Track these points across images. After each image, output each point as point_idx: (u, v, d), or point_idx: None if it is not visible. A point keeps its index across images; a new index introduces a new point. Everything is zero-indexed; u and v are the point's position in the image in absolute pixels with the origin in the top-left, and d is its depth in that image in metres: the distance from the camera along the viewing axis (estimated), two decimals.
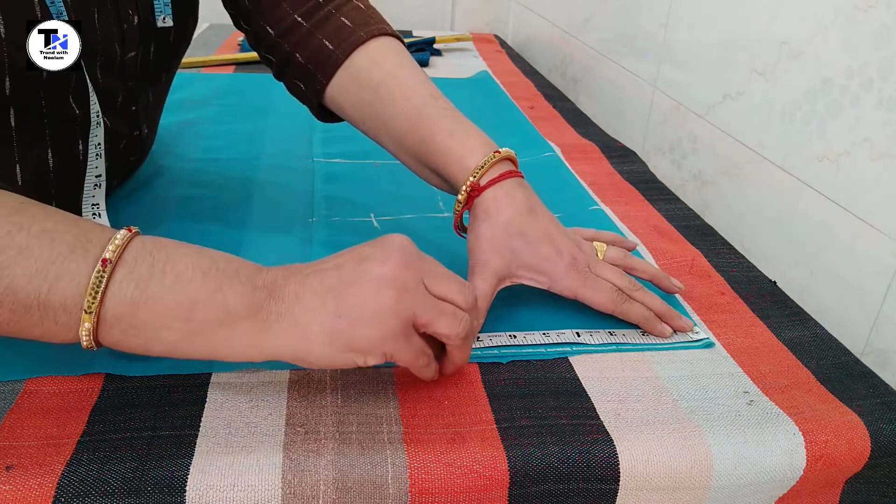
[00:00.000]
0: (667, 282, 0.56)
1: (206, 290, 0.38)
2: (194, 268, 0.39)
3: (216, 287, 0.39)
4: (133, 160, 0.66)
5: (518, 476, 0.41)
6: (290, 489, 0.39)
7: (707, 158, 0.80)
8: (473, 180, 0.53)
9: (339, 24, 0.60)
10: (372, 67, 0.59)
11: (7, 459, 0.38)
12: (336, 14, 0.61)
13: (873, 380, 0.50)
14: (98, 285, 0.36)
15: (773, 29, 0.68)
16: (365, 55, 0.59)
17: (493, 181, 0.52)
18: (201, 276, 0.39)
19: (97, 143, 0.56)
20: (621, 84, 1.03)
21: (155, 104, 0.69)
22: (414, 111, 0.57)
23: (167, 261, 0.38)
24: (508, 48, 1.49)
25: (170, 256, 0.39)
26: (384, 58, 0.59)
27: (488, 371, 0.48)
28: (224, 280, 0.39)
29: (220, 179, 0.74)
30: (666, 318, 0.53)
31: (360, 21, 0.61)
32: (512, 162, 0.55)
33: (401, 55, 0.61)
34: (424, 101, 0.57)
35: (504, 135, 0.92)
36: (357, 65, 0.59)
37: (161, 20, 0.61)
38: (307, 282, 0.40)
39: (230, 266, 0.40)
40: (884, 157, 0.55)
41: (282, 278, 0.41)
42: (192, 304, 0.38)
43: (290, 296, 0.40)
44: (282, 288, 0.40)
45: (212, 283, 0.39)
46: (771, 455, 0.43)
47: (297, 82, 0.64)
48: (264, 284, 0.40)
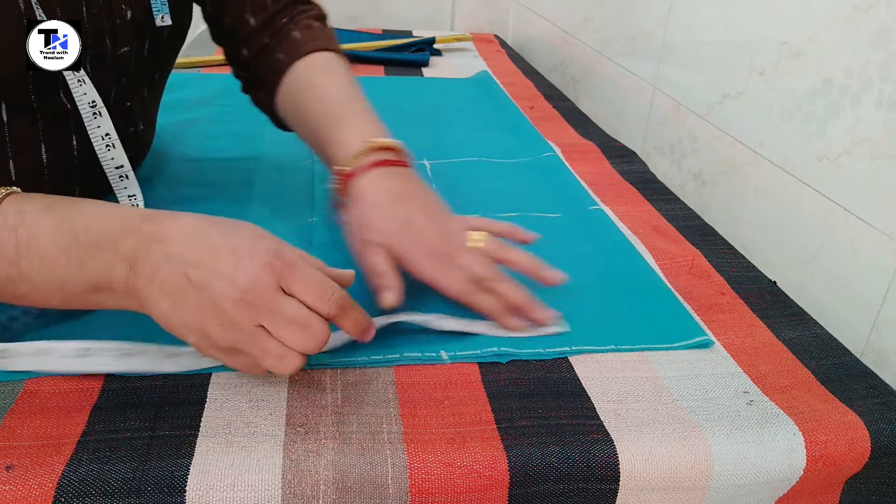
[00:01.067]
0: (541, 273, 0.54)
1: (71, 268, 0.41)
2: (56, 246, 0.41)
3: (79, 264, 0.41)
4: (130, 157, 0.66)
5: (518, 476, 0.41)
6: (290, 489, 0.39)
7: (707, 158, 0.80)
8: (338, 168, 0.56)
9: (291, 38, 0.67)
10: (304, 76, 0.65)
11: (7, 459, 0.38)
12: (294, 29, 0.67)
13: (873, 380, 0.50)
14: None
15: (773, 29, 0.68)
16: (303, 65, 0.65)
17: (362, 169, 0.55)
18: (64, 255, 0.41)
19: (103, 133, 0.56)
20: (621, 84, 1.03)
21: (150, 101, 0.68)
22: (323, 112, 0.61)
23: (31, 237, 0.41)
24: (508, 48, 1.48)
25: (32, 232, 0.41)
26: (317, 68, 0.65)
27: (488, 371, 0.48)
28: (85, 255, 0.41)
29: (220, 179, 0.74)
30: (529, 311, 0.51)
31: (309, 38, 0.67)
32: (394, 151, 0.57)
33: (333, 67, 0.66)
34: (336, 103, 0.61)
35: (504, 135, 0.92)
36: (296, 73, 0.65)
37: (160, 19, 0.61)
38: (162, 266, 0.41)
39: (91, 237, 0.42)
40: (884, 157, 0.55)
41: (144, 251, 0.41)
42: (61, 281, 0.42)
43: (146, 274, 0.41)
44: (142, 262, 0.41)
45: (74, 260, 0.41)
46: (771, 455, 0.43)
47: (258, 93, 0.71)
48: (125, 255, 0.41)
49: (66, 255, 0.41)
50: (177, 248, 0.41)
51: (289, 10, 0.70)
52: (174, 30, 0.64)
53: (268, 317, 0.41)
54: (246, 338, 0.41)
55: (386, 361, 0.48)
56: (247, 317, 0.41)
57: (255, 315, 0.41)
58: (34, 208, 0.43)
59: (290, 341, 0.41)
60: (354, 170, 0.55)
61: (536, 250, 0.63)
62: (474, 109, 1.03)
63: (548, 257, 0.62)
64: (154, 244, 0.42)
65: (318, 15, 0.71)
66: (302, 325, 0.41)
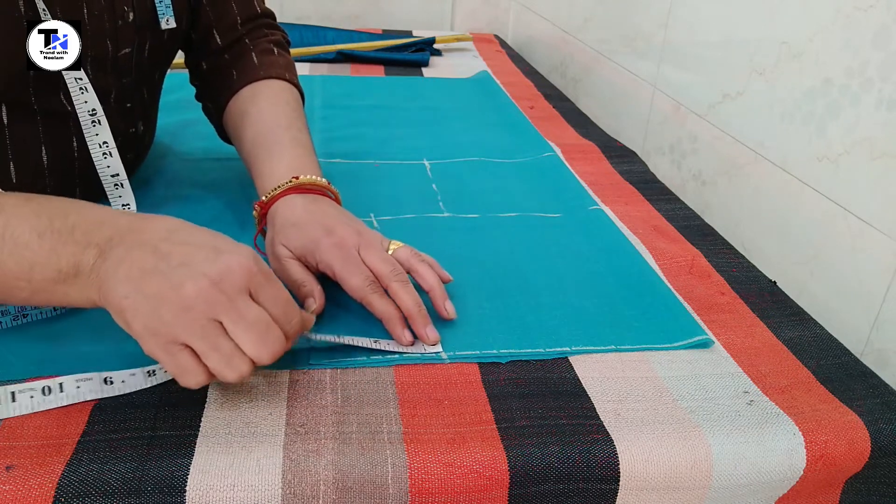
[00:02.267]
0: (441, 301, 0.52)
1: (42, 252, 0.41)
2: (31, 231, 0.41)
3: (50, 249, 0.41)
4: (130, 157, 0.66)
5: (518, 476, 0.41)
6: (290, 489, 0.39)
7: (707, 158, 0.80)
8: (257, 202, 0.58)
9: (247, 61, 0.69)
10: (250, 100, 0.67)
11: (7, 459, 0.38)
12: (252, 51, 0.70)
13: (873, 380, 0.50)
14: None
15: (773, 29, 0.68)
16: (251, 90, 0.67)
17: (275, 197, 0.57)
18: (37, 239, 0.41)
19: (101, 141, 0.56)
20: (621, 84, 1.03)
21: (150, 102, 0.69)
22: (255, 140, 0.63)
23: (6, 225, 0.41)
24: (508, 48, 1.48)
25: (9, 221, 0.41)
26: (262, 95, 0.67)
27: (488, 371, 0.48)
28: (58, 241, 0.41)
29: (220, 179, 0.74)
30: (413, 322, 0.49)
31: (264, 63, 0.69)
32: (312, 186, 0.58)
33: (279, 96, 0.67)
34: (269, 133, 0.63)
35: (504, 135, 0.92)
36: (243, 96, 0.67)
37: (164, 22, 0.61)
38: (134, 252, 0.40)
39: (66, 224, 0.41)
40: (884, 157, 0.55)
41: (118, 237, 0.41)
42: (30, 266, 0.41)
43: (113, 259, 0.40)
44: (113, 248, 0.41)
45: (46, 245, 0.41)
46: (771, 455, 0.43)
47: (208, 105, 0.72)
48: (98, 242, 0.41)
49: (39, 239, 0.41)
50: (153, 237, 0.41)
51: (254, 33, 0.71)
52: (174, 31, 0.64)
53: (229, 313, 0.40)
54: (198, 329, 0.39)
55: (386, 361, 0.48)
56: (206, 307, 0.39)
57: (215, 308, 0.39)
58: (14, 200, 0.43)
59: (244, 343, 0.40)
60: (269, 200, 0.57)
61: (537, 250, 0.63)
62: (474, 109, 1.03)
63: (548, 257, 0.62)
64: (129, 233, 0.42)
65: (278, 41, 0.73)
66: (262, 332, 0.40)
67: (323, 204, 0.56)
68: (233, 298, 0.40)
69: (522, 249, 0.63)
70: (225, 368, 0.40)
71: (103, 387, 0.43)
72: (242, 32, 0.70)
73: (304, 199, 0.56)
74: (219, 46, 0.70)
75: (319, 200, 0.57)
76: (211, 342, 0.39)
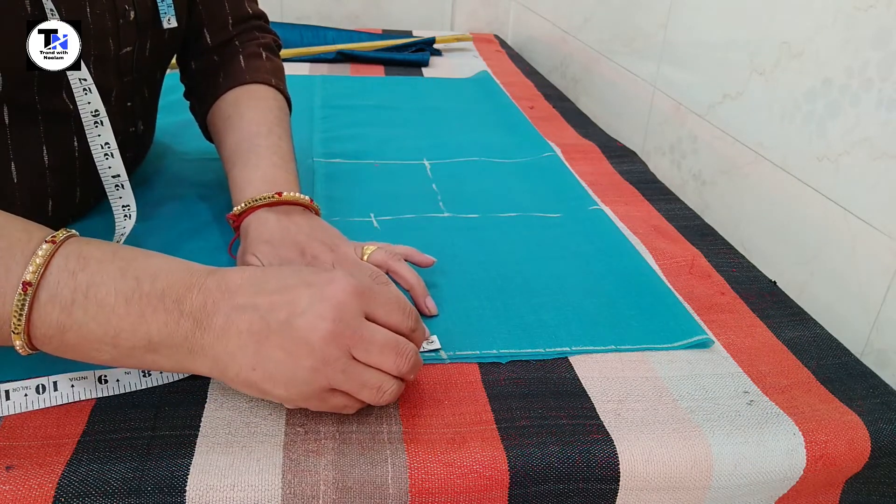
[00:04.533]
0: (421, 298, 0.53)
1: (129, 319, 0.38)
2: (117, 294, 0.38)
3: (139, 316, 0.38)
4: (129, 156, 0.66)
5: (518, 476, 0.41)
6: (290, 489, 0.39)
7: (707, 158, 0.80)
8: (230, 213, 0.58)
9: (235, 64, 0.69)
10: (233, 104, 0.66)
11: (7, 459, 0.38)
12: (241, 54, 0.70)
13: (873, 380, 0.50)
14: (21, 308, 0.36)
15: (773, 29, 0.68)
16: (235, 94, 0.67)
17: (247, 212, 0.56)
18: (124, 304, 0.38)
19: (103, 142, 0.56)
20: (621, 84, 1.03)
21: (150, 101, 0.69)
22: (234, 145, 0.63)
23: (90, 284, 0.38)
24: (508, 48, 1.48)
25: (92, 279, 0.38)
26: (245, 100, 0.66)
27: (488, 371, 0.48)
28: (147, 307, 0.38)
29: (220, 179, 0.74)
30: None
31: (252, 68, 0.69)
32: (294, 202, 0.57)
33: (261, 101, 0.67)
34: (248, 138, 0.62)
35: (504, 135, 0.92)
36: (227, 100, 0.67)
37: (166, 21, 0.61)
38: (234, 317, 0.38)
39: (155, 288, 0.38)
40: (884, 157, 0.56)
41: (211, 304, 0.39)
42: (116, 332, 0.38)
43: (215, 329, 0.38)
44: (210, 317, 0.38)
45: (134, 311, 0.38)
46: (771, 455, 0.43)
47: (194, 104, 0.72)
48: (191, 311, 0.38)
49: (125, 304, 0.38)
50: (246, 296, 0.39)
51: (244, 35, 0.71)
52: (175, 30, 0.64)
53: (359, 346, 0.39)
54: (339, 374, 0.38)
55: None
56: (338, 350, 0.38)
57: (345, 345, 0.38)
58: (98, 255, 0.39)
59: (386, 366, 0.40)
60: (241, 213, 0.57)
61: (537, 250, 0.63)
62: (474, 109, 1.03)
63: (548, 257, 0.62)
64: (221, 296, 0.39)
65: (268, 44, 0.73)
66: (395, 349, 0.40)
67: (296, 216, 0.56)
68: (356, 329, 0.39)
69: (522, 249, 0.63)
70: (381, 398, 0.40)
71: (98, 386, 0.43)
72: (233, 34, 0.70)
73: (277, 214, 0.56)
74: (208, 46, 0.69)
75: (292, 213, 0.56)
76: (357, 380, 0.39)
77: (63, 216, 0.60)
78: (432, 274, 0.58)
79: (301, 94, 1.01)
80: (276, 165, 0.60)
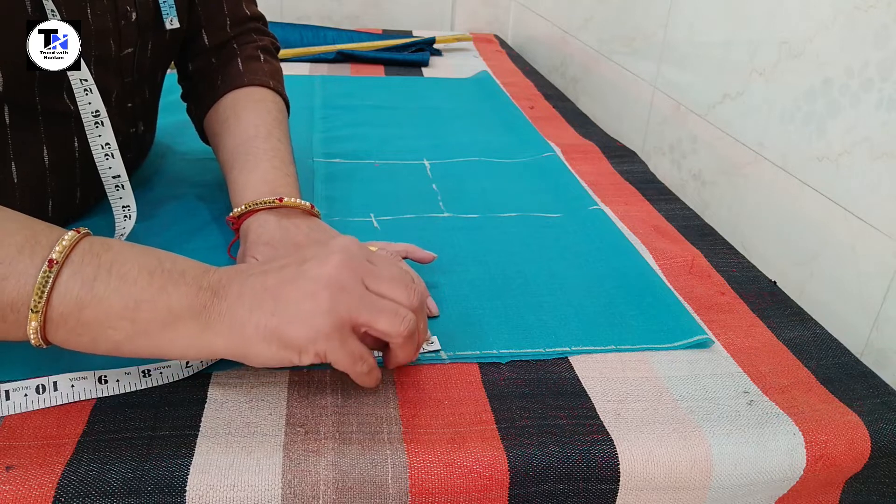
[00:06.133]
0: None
1: (151, 290, 0.39)
2: (140, 268, 0.39)
3: (160, 287, 0.39)
4: (130, 157, 0.66)
5: (518, 476, 0.41)
6: (290, 489, 0.39)
7: (707, 158, 0.80)
8: (229, 215, 0.57)
9: (233, 66, 0.69)
10: (231, 107, 0.66)
11: (7, 459, 0.38)
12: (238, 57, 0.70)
13: (873, 380, 0.50)
14: (44, 284, 0.37)
15: (773, 29, 0.68)
16: (233, 97, 0.67)
17: (247, 214, 0.57)
18: (147, 277, 0.39)
19: (104, 142, 0.56)
20: (621, 84, 1.03)
21: (151, 101, 0.69)
22: (233, 147, 0.62)
23: (113, 262, 0.39)
24: (508, 48, 1.48)
25: (116, 258, 0.39)
26: (243, 103, 0.66)
27: (488, 371, 0.48)
28: (169, 280, 0.39)
29: (220, 180, 0.74)
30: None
31: (250, 70, 0.69)
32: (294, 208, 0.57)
33: (259, 103, 0.66)
34: (246, 141, 0.62)
35: (504, 135, 0.92)
36: (225, 103, 0.67)
37: (169, 22, 0.61)
38: (249, 282, 0.41)
39: (176, 266, 0.40)
40: (884, 157, 0.56)
41: (226, 279, 0.41)
42: (136, 304, 0.38)
43: (232, 295, 0.40)
44: (226, 288, 0.41)
45: (156, 283, 0.39)
46: (771, 455, 0.43)
47: (192, 106, 0.72)
48: (209, 285, 0.40)
49: (149, 277, 0.39)
50: (258, 269, 0.42)
51: (242, 37, 0.71)
52: (176, 31, 0.64)
53: (370, 275, 0.42)
54: (357, 301, 0.40)
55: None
56: (352, 278, 0.41)
57: (358, 274, 0.41)
58: (119, 244, 0.41)
59: (396, 294, 0.42)
60: (241, 216, 0.57)
61: (537, 250, 0.63)
62: (474, 109, 1.03)
63: (548, 257, 0.62)
64: (236, 273, 0.42)
65: (266, 46, 0.72)
66: (402, 282, 0.43)
67: (296, 218, 0.56)
68: (364, 262, 0.42)
69: (522, 249, 0.63)
70: (398, 324, 0.41)
71: (98, 386, 0.43)
72: (231, 35, 0.70)
73: (277, 216, 0.56)
74: (206, 47, 0.69)
75: (292, 215, 0.56)
76: (374, 305, 0.41)
77: (63, 216, 0.60)
78: (432, 274, 0.58)
79: (301, 94, 1.01)
80: (276, 168, 0.60)
